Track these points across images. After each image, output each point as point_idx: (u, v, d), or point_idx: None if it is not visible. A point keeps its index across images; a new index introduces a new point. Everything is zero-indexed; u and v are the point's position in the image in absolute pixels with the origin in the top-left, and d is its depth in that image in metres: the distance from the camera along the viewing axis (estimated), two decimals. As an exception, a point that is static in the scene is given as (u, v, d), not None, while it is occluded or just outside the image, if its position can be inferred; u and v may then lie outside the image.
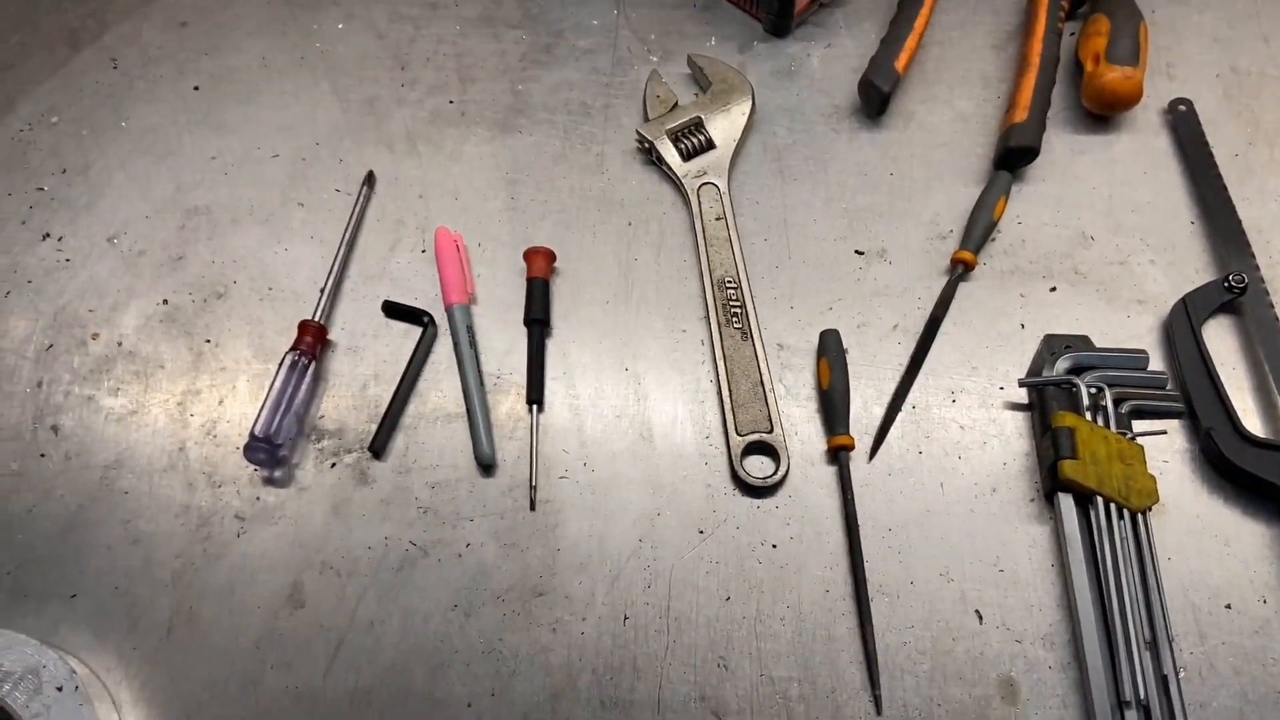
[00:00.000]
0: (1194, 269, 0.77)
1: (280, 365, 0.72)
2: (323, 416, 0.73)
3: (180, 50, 0.90)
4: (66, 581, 0.67)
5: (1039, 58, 0.82)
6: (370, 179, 0.82)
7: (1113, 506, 0.65)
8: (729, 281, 0.76)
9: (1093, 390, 0.69)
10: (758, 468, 0.70)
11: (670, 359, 0.75)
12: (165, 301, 0.77)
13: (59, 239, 0.80)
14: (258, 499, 0.70)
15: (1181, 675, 0.61)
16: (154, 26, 0.91)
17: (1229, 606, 0.64)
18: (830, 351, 0.72)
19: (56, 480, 0.70)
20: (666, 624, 0.65)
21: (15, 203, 0.82)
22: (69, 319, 0.76)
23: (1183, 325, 0.72)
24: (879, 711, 0.62)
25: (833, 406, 0.71)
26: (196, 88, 0.88)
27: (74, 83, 0.88)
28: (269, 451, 0.69)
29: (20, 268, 0.78)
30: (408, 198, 0.82)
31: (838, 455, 0.70)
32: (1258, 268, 0.76)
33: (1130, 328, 0.75)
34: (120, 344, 0.76)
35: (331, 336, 0.76)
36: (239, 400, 0.73)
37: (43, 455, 0.71)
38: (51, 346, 0.75)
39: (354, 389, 0.74)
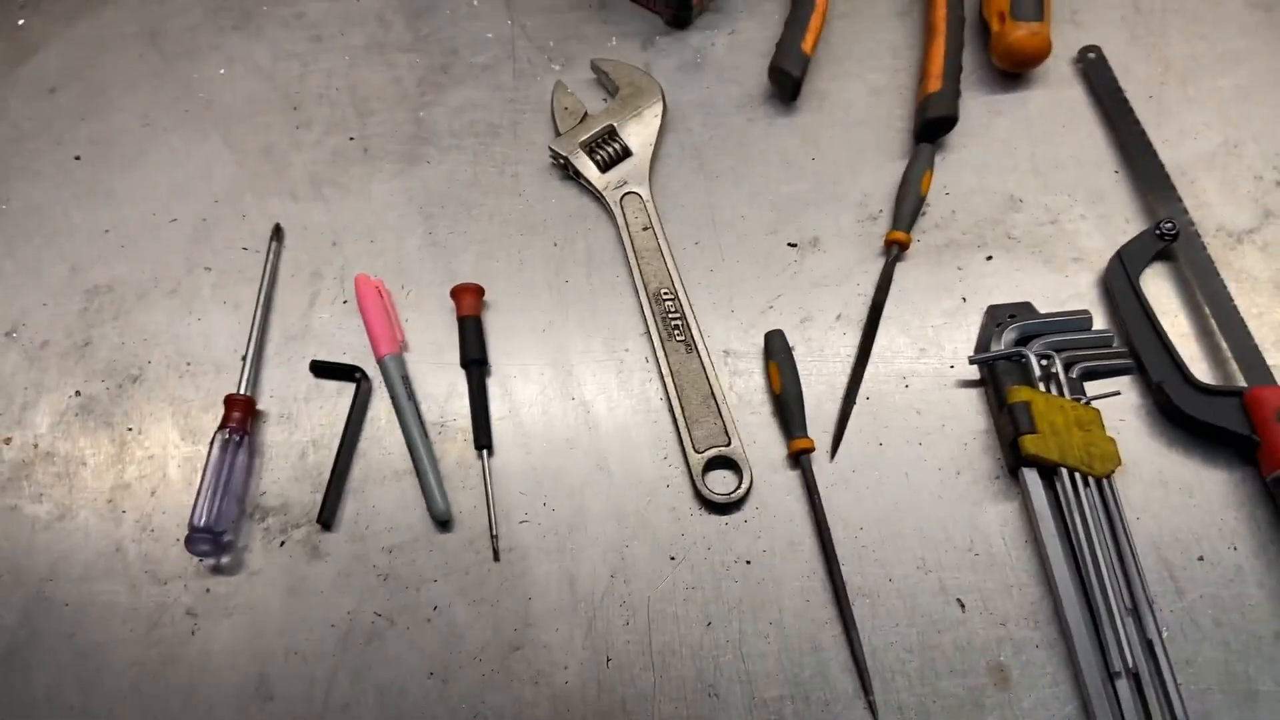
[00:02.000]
0: (1124, 219, 0.77)
1: (211, 446, 0.68)
2: (264, 493, 0.69)
3: (54, 118, 0.84)
4: (18, 708, 0.63)
5: (945, 23, 0.81)
6: (278, 232, 0.78)
7: (1077, 475, 0.65)
8: (665, 293, 0.74)
9: (1042, 359, 0.69)
10: (720, 483, 0.68)
11: (616, 381, 0.73)
12: (78, 393, 0.73)
13: (-48, 341, 0.75)
14: (208, 591, 0.66)
15: (1165, 636, 0.61)
16: (20, 96, 0.86)
17: (1201, 559, 0.64)
18: (777, 354, 0.71)
19: (-12, 603, 0.66)
20: (650, 660, 0.63)
21: (-103, 307, 0.76)
22: (-24, 427, 0.72)
23: (1120, 280, 0.72)
24: (875, 717, 0.61)
25: (788, 410, 0.69)
26: (77, 157, 0.83)
27: (-58, 168, 0.83)
28: (212, 540, 0.66)
29: (-86, 378, 0.74)
30: (320, 247, 0.78)
31: (799, 459, 0.68)
32: (1185, 211, 0.76)
33: (1070, 287, 0.74)
34: (36, 445, 0.71)
35: (261, 406, 0.72)
36: (172, 489, 0.70)
37: (-31, 578, 0.67)
38: (-39, 459, 0.71)
39: (292, 459, 0.70)
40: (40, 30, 0.89)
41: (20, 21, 0.90)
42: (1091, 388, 0.70)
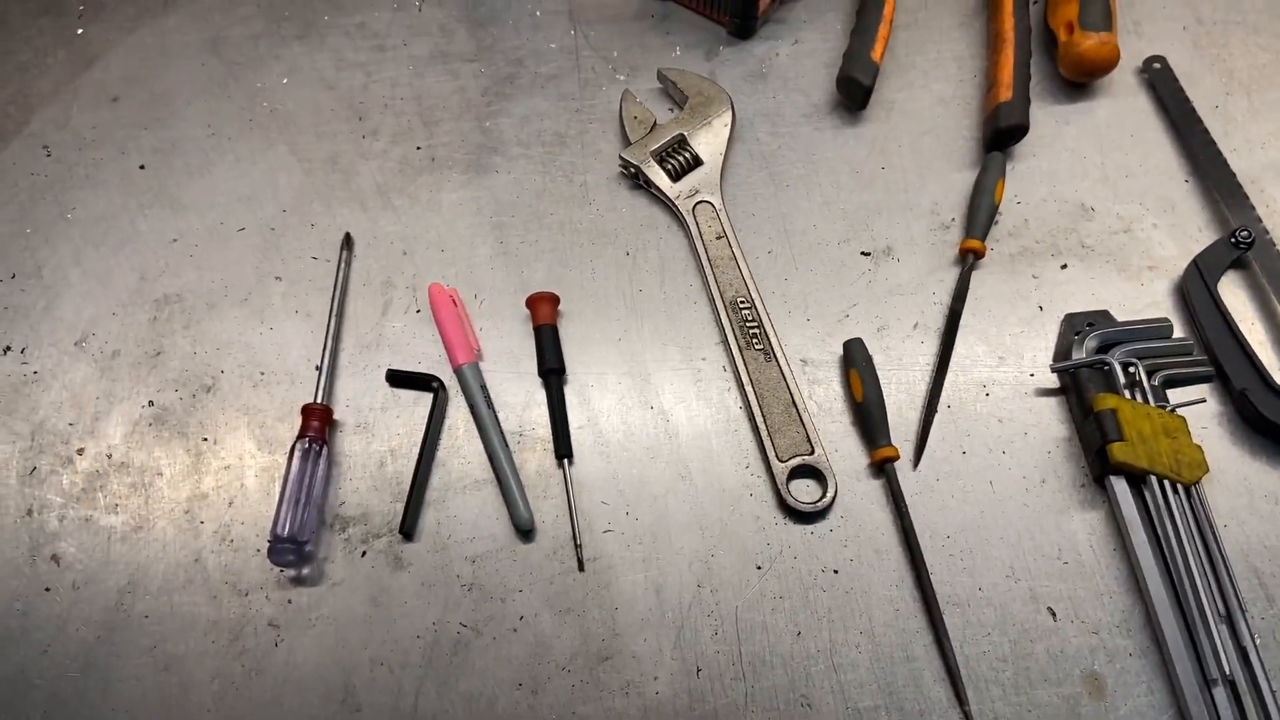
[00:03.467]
0: (1196, 227, 0.77)
1: (290, 456, 0.68)
2: (343, 503, 0.69)
3: (117, 128, 0.84)
4: (99, 722, 0.62)
5: (1013, 33, 0.82)
6: (348, 241, 0.78)
7: (1165, 483, 0.65)
8: (742, 302, 0.74)
9: (1127, 367, 0.69)
10: (805, 492, 0.68)
11: (695, 390, 0.72)
12: (151, 403, 0.72)
13: (21, 350, 0.74)
14: (289, 602, 0.66)
15: (1259, 643, 0.61)
16: (84, 106, 0.85)
17: (1292, 566, 0.64)
18: (858, 362, 0.71)
19: (68, 614, 0.65)
20: (741, 670, 0.63)
21: (-34, 317, 0.76)
22: (49, 436, 0.71)
23: (1198, 288, 0.72)
24: (972, 728, 0.61)
25: (870, 419, 0.69)
26: (142, 166, 0.82)
27: (6, 177, 0.82)
28: (295, 550, 0.65)
29: (-15, 388, 0.73)
30: (391, 256, 0.78)
31: (883, 468, 0.68)
32: (1259, 219, 0.76)
33: (1145, 295, 0.75)
34: (110, 456, 0.71)
35: (337, 416, 0.72)
36: (250, 499, 0.69)
37: (47, 589, 0.66)
38: (35, 469, 0.70)
39: (371, 469, 0.70)
40: (100, 39, 0.89)
41: (80, 30, 0.89)
42: (1173, 396, 0.70)
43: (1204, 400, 0.69)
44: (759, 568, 0.66)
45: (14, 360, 0.74)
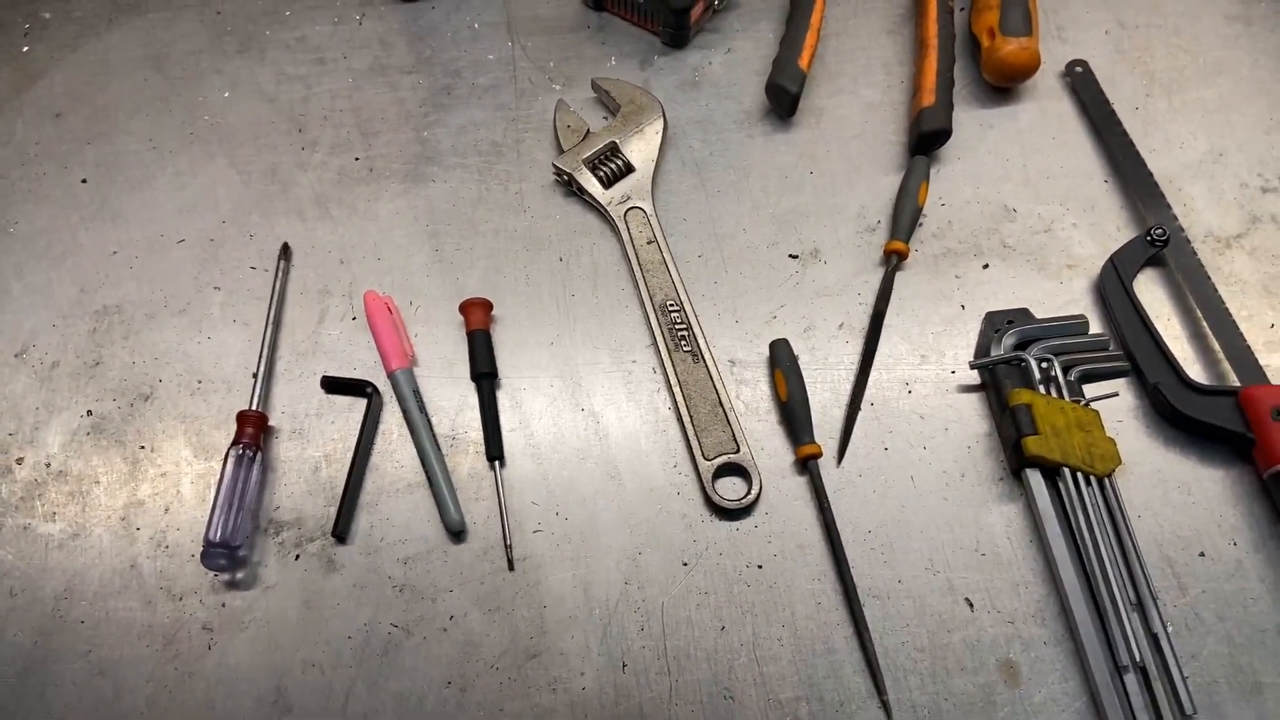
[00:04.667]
0: (1115, 226, 0.79)
1: (225, 462, 0.69)
2: (278, 508, 0.70)
3: (60, 143, 0.85)
4: (33, 727, 0.63)
5: (936, 39, 0.83)
6: (286, 251, 0.79)
7: (1079, 475, 0.67)
8: (671, 304, 0.76)
9: (1042, 363, 0.70)
10: (730, 490, 0.70)
11: (625, 391, 0.74)
12: (89, 412, 0.73)
13: (-38, 363, 0.75)
14: (223, 605, 0.67)
15: (1170, 630, 0.63)
16: (27, 122, 0.86)
17: (1202, 554, 0.66)
18: (783, 362, 0.72)
19: (5, 620, 0.66)
20: (666, 665, 0.64)
21: (-93, 331, 0.77)
22: (-12, 447, 0.72)
23: (1114, 285, 0.74)
24: (889, 717, 0.62)
25: (795, 417, 0.71)
26: (84, 180, 0.83)
27: (-51, 193, 0.83)
28: (228, 555, 0.66)
29: (-76, 400, 0.74)
30: (328, 265, 0.79)
31: (807, 465, 0.70)
32: (1175, 217, 0.78)
33: (1065, 293, 0.76)
34: (49, 465, 0.72)
35: (273, 422, 0.73)
36: (185, 505, 0.70)
37: (-16, 597, 0.67)
38: (-27, 479, 0.71)
39: (305, 473, 0.71)
40: (45, 56, 0.90)
41: (25, 48, 0.90)
42: (1090, 390, 0.71)
43: (1116, 394, 0.70)
44: (685, 564, 0.67)
45: (-46, 373, 0.75)
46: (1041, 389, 0.70)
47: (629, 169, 0.81)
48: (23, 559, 0.68)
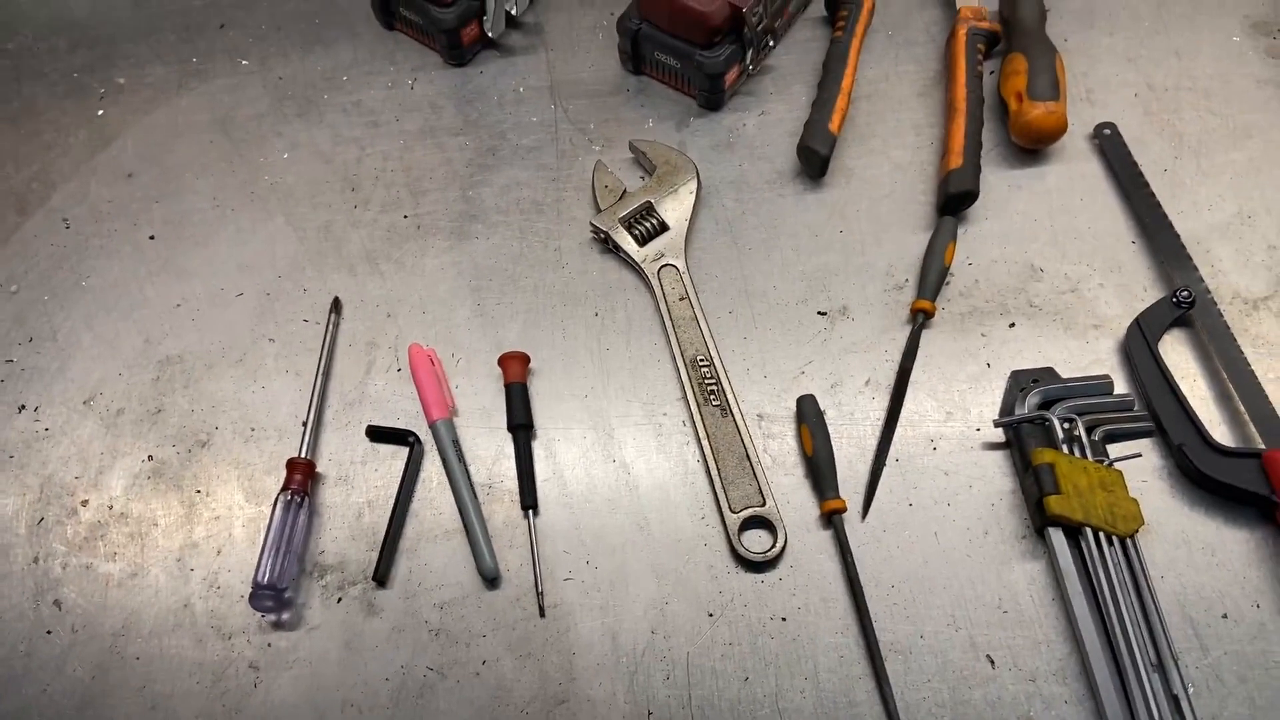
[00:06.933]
0: (1142, 287, 0.80)
1: (274, 507, 0.72)
2: (322, 552, 0.73)
3: (130, 201, 0.91)
4: (89, 759, 0.67)
5: (964, 102, 0.86)
6: (337, 305, 0.83)
7: (1102, 535, 0.67)
8: (701, 359, 0.78)
9: (1065, 422, 0.72)
10: (756, 542, 0.71)
11: (655, 443, 0.76)
12: (150, 458, 0.78)
13: (35, 409, 0.80)
14: (269, 645, 0.70)
15: (1190, 691, 0.63)
16: (101, 181, 0.92)
17: (1225, 616, 0.66)
18: (809, 418, 0.74)
19: (66, 656, 0.70)
20: (690, 714, 0.66)
21: (-14, 378, 0.82)
22: (56, 489, 0.77)
23: (1140, 346, 0.75)
24: (909, 771, 0.63)
25: (820, 472, 0.72)
26: (152, 237, 0.89)
27: (28, 248, 0.89)
28: (275, 597, 0.69)
29: (0, 444, 0.79)
30: (376, 318, 0.83)
31: (832, 519, 0.71)
32: (1202, 279, 0.79)
33: (1091, 353, 0.77)
34: (111, 507, 0.76)
35: (320, 469, 0.76)
36: (237, 548, 0.74)
37: (49, 632, 0.71)
38: (42, 520, 0.75)
39: (349, 519, 0.74)
40: (118, 120, 0.96)
41: (100, 112, 0.97)
42: (1114, 450, 0.72)
43: (1140, 455, 0.71)
44: (711, 615, 0.69)
45: (28, 418, 0.80)
46: (1065, 448, 0.71)
47: (663, 227, 0.84)
48: (84, 597, 0.72)
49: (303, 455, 0.76)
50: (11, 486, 0.77)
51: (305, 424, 0.77)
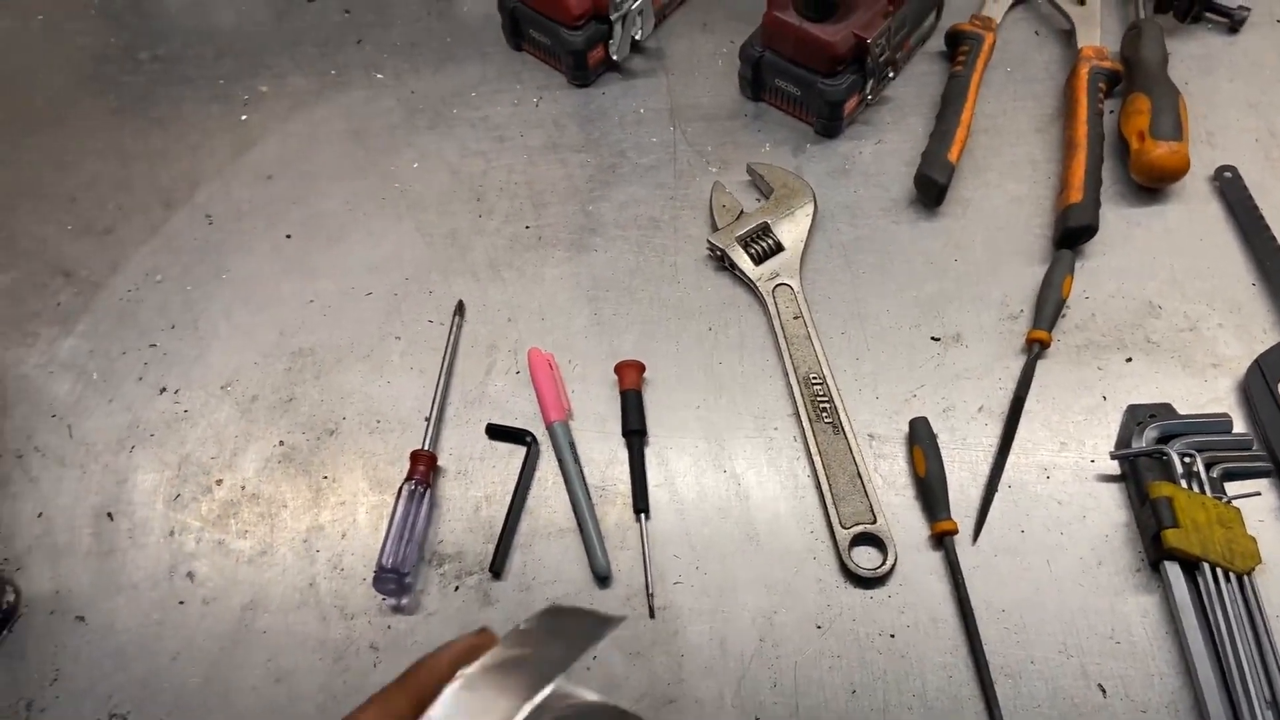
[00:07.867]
0: (1261, 329, 0.80)
1: (398, 495, 0.75)
2: (441, 542, 0.76)
3: (269, 202, 0.96)
4: (217, 729, 0.70)
5: (1085, 139, 0.87)
6: (460, 308, 0.87)
7: (1218, 571, 0.67)
8: (814, 377, 0.80)
9: (1185, 458, 0.72)
10: (866, 559, 0.72)
11: (766, 457, 0.78)
12: (281, 443, 0.82)
13: (176, 391, 0.85)
14: (389, 627, 0.73)
15: (1310, 734, 0.62)
16: (242, 182, 0.97)
17: (1347, 661, 0.65)
18: (922, 439, 0.75)
19: (197, 626, 0.74)
20: (797, 721, 0.67)
21: (131, 360, 0.86)
22: (193, 468, 0.81)
23: (1260, 387, 0.75)
24: (1017, 794, 0.63)
25: (932, 493, 0.73)
26: (288, 236, 0.93)
27: (173, 241, 0.94)
28: (397, 581, 0.72)
29: (142, 422, 0.83)
30: (497, 322, 0.87)
31: (942, 540, 0.72)
32: (1325, 323, 0.78)
33: (1208, 391, 0.77)
34: (244, 487, 0.80)
35: (441, 462, 0.79)
36: (360, 533, 0.77)
37: (181, 603, 0.75)
38: (179, 496, 0.79)
39: (467, 512, 0.77)
40: (260, 126, 1.01)
41: (243, 117, 1.02)
42: (1231, 488, 0.72)
43: (1259, 494, 0.71)
44: (819, 627, 0.70)
45: (169, 400, 0.84)
46: (1183, 483, 0.71)
47: (779, 248, 0.86)
48: (215, 571, 0.76)
49: (425, 448, 0.79)
50: (151, 463, 0.81)
51: (428, 419, 0.80)
